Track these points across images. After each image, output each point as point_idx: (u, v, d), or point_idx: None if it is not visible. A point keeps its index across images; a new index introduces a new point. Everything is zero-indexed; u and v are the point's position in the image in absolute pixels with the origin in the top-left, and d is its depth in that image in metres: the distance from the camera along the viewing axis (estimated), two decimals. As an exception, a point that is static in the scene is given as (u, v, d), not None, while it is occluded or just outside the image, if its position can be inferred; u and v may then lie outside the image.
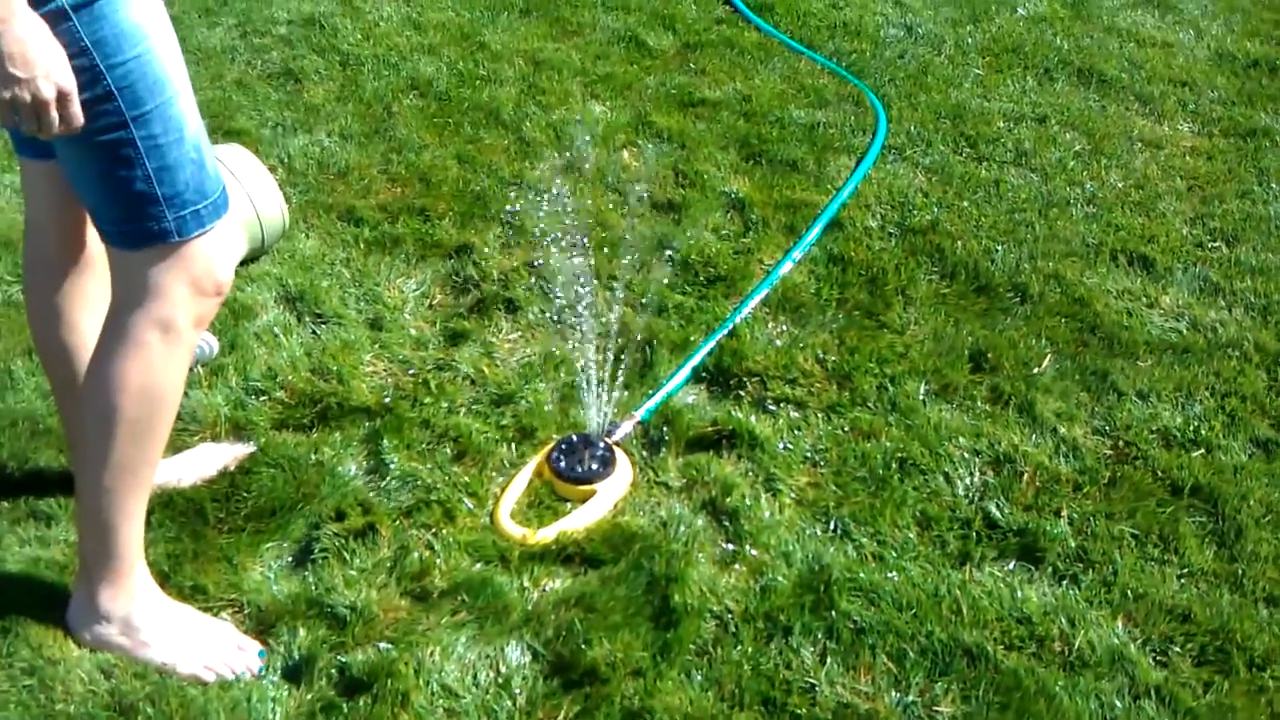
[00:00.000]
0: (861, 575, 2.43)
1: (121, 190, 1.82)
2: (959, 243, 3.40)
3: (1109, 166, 3.79)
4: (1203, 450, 2.75)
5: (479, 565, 2.46)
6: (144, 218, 1.84)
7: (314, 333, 3.08)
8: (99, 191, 1.86)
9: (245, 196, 3.19)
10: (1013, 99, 4.16)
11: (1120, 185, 3.70)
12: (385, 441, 2.74)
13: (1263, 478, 2.68)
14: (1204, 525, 2.58)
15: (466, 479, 2.66)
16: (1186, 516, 2.59)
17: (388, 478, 2.66)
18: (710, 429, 2.81)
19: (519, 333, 3.09)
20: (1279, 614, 2.39)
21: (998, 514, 2.57)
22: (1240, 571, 2.47)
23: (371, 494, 2.62)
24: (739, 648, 2.30)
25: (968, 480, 2.67)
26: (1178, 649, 2.32)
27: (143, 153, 1.79)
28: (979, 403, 2.87)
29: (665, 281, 3.26)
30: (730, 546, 2.52)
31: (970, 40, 4.54)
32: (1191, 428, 2.80)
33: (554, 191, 3.60)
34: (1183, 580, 2.46)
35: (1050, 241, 3.42)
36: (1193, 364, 3.00)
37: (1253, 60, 4.49)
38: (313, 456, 2.70)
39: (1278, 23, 4.78)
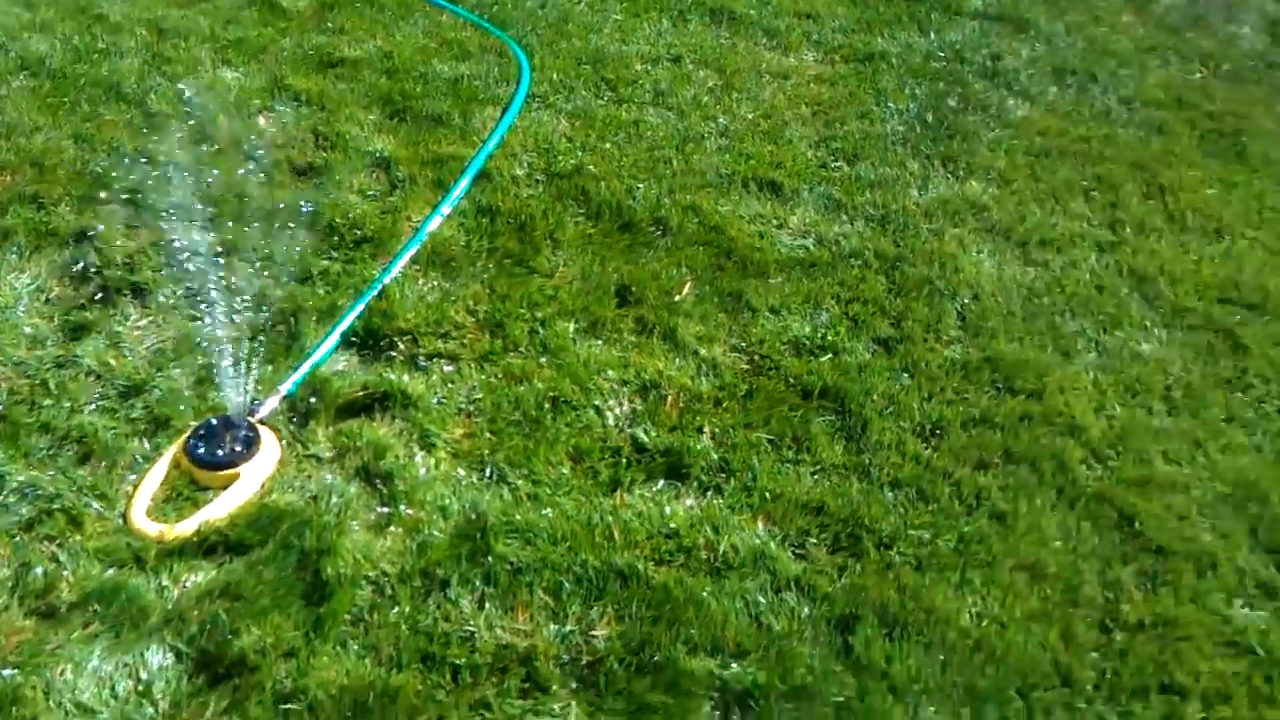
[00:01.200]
0: (517, 516, 2.46)
1: None
2: (603, 183, 3.46)
3: (740, 100, 3.96)
4: (830, 354, 2.94)
5: (111, 571, 2.33)
6: None
7: (-89, 343, 2.81)
8: None
9: None
10: (649, 41, 4.27)
11: (750, 116, 3.87)
12: (0, 453, 2.53)
13: (884, 373, 2.89)
14: (833, 424, 2.75)
15: (93, 481, 2.50)
16: (817, 417, 2.76)
17: (4, 491, 2.46)
18: (361, 394, 2.76)
19: (149, 318, 2.92)
20: (903, 494, 2.59)
21: (645, 438, 2.66)
22: (867, 461, 2.66)
23: (-13, 511, 2.43)
24: (396, 609, 2.28)
25: (617, 410, 2.74)
26: (814, 540, 2.48)
27: None
28: (626, 335, 2.95)
29: (309, 248, 3.16)
30: (385, 510, 2.49)
31: (607, -14, 4.62)
32: (819, 335, 2.99)
33: (183, 164, 3.41)
34: (816, 476, 2.62)
35: (687, 175, 3.54)
36: (819, 276, 3.18)
37: (870, -11, 4.79)
38: (-86, 482, 2.47)
39: (891, -46, 5.11)
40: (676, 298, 3.07)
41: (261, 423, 2.64)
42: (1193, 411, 2.87)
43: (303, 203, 3.29)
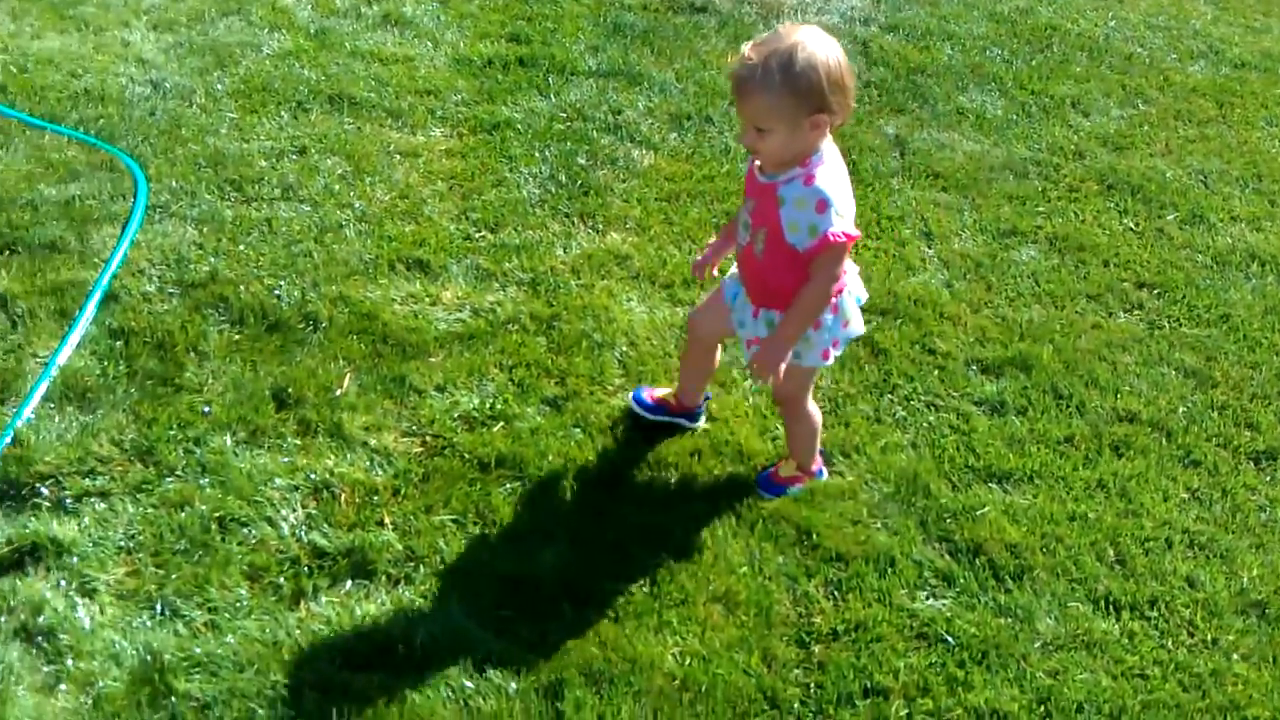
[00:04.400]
0: (197, 649, 2.35)
1: None
2: (242, 287, 3.37)
3: (373, 183, 3.96)
4: (502, 423, 2.99)
5: None
6: None
7: None
8: None
9: None
10: (271, 136, 4.19)
11: (386, 198, 3.89)
12: None
13: (557, 432, 2.97)
14: (515, 491, 2.80)
15: None
16: (498, 488, 2.80)
17: None
18: (7, 549, 2.56)
19: None
20: (592, 549, 2.66)
21: (324, 541, 2.61)
22: (552, 522, 2.72)
23: None
24: (75, 774, 2.12)
25: (291, 519, 2.67)
26: (509, 612, 2.51)
27: None
28: (289, 438, 2.88)
29: (-80, 405, 2.90)
30: (52, 667, 2.31)
31: (220, 86, 4.50)
32: (488, 405, 3.03)
33: None
34: (505, 546, 2.65)
35: (331, 266, 3.51)
36: (480, 347, 3.24)
37: (487, 60, 4.91)
38: None
39: (503, 23, 5.26)
40: (338, 392, 3.03)
41: (-112, 606, 2.39)
42: (846, 419, 3.12)
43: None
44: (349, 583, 2.53)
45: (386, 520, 2.68)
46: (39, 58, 4.68)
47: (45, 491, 2.69)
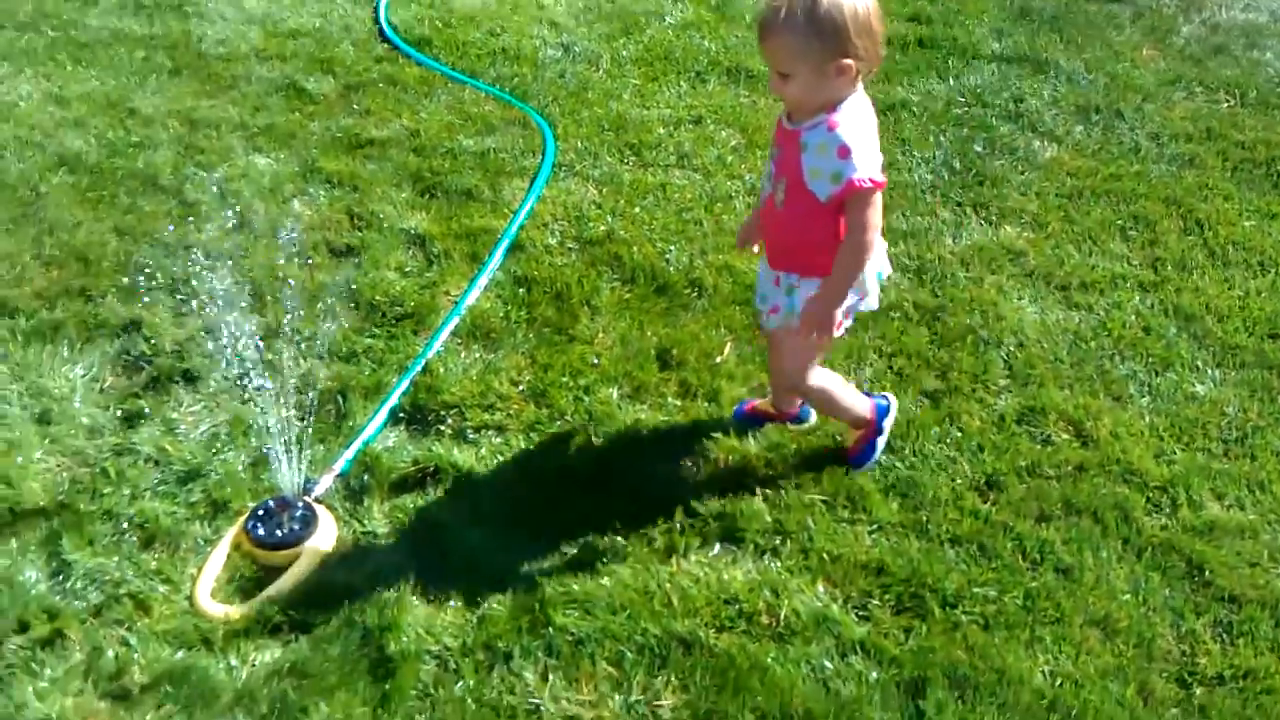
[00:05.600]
0: (575, 586, 2.47)
1: None
2: (635, 248, 3.50)
3: (763, 157, 3.98)
4: (877, 410, 2.94)
5: (181, 653, 2.35)
6: None
7: (-26, 438, 2.86)
8: None
9: None
10: (670, 104, 4.32)
11: (777, 173, 3.91)
12: (65, 541, 2.57)
13: (933, 426, 2.89)
14: (886, 480, 2.75)
15: (158, 565, 2.53)
16: (869, 473, 2.76)
17: (72, 578, 2.50)
18: (413, 468, 2.79)
19: (201, 403, 2.96)
20: (963, 551, 2.58)
21: (697, 503, 2.66)
22: (924, 518, 2.66)
23: (56, 598, 2.46)
24: (461, 683, 2.29)
25: (671, 475, 2.75)
26: (876, 601, 2.47)
27: None
28: (670, 398, 2.97)
29: (352, 327, 3.21)
30: (445, 583, 2.50)
31: (625, 53, 4.69)
32: (864, 390, 2.98)
33: (224, 251, 3.47)
34: (873, 535, 2.62)
35: (719, 235, 3.58)
36: (859, 331, 3.19)
37: (885, 39, 4.82)
38: (-14, 570, 2.51)
39: (904, 2, 5.16)
40: (718, 359, 3.08)
41: (317, 501, 2.67)
42: (1252, 452, 2.86)
43: (343, 283, 3.34)
44: (718, 546, 2.58)
45: (758, 491, 2.70)
46: (462, 15, 5.05)
47: (449, 420, 2.91)
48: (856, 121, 2.32)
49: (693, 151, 4.01)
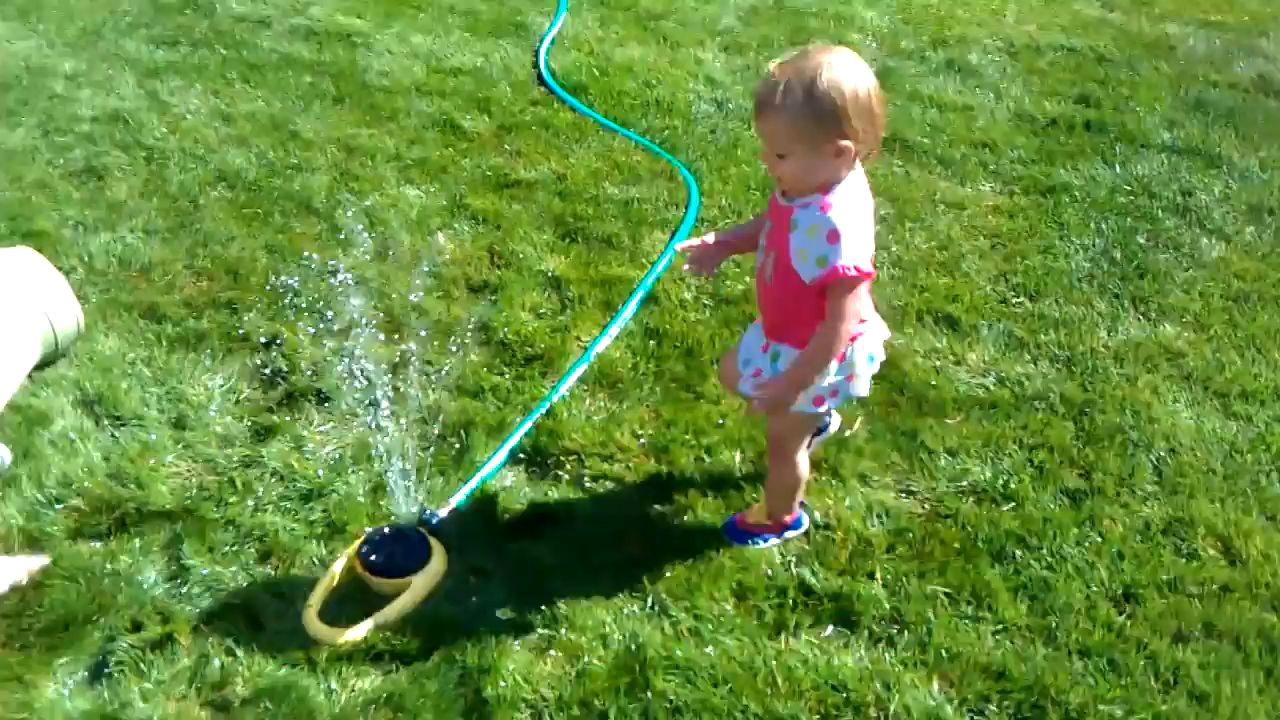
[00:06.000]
0: (678, 652, 2.40)
1: None
2: (772, 310, 3.44)
3: (913, 229, 3.91)
4: (1012, 504, 2.81)
5: (284, 669, 2.37)
6: None
7: (113, 436, 2.94)
8: None
9: (33, 301, 3.04)
10: (822, 168, 4.27)
11: (924, 247, 3.82)
12: (186, 545, 2.63)
13: (1072, 528, 2.74)
14: (1015, 580, 2.61)
15: (272, 579, 2.55)
16: (997, 570, 2.63)
17: (189, 583, 2.55)
18: (527, 510, 2.77)
19: (331, 424, 3.00)
20: (1092, 664, 2.43)
21: (813, 580, 2.57)
22: (1053, 624, 2.51)
23: (171, 601, 2.51)
24: (554, 738, 2.24)
25: (786, 547, 2.67)
26: (994, 707, 2.34)
27: None
28: (795, 468, 2.89)
29: (481, 363, 3.22)
30: (546, 631, 2.46)
31: (781, 113, 4.66)
32: (1001, 482, 2.86)
33: (367, 278, 3.54)
34: (997, 636, 2.48)
35: (860, 305, 3.49)
36: (1000, 419, 3.07)
37: (1051, 119, 4.70)
38: (109, 566, 2.58)
39: (1073, 83, 5.02)
40: (847, 433, 2.99)
41: (431, 533, 2.66)
42: None
43: (477, 319, 3.36)
44: (830, 627, 2.48)
45: (878, 575, 2.60)
46: (619, 64, 5.09)
47: (567, 466, 2.89)
48: (850, 205, 2.26)
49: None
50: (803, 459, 2.62)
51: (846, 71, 2.16)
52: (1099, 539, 2.71)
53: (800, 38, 5.34)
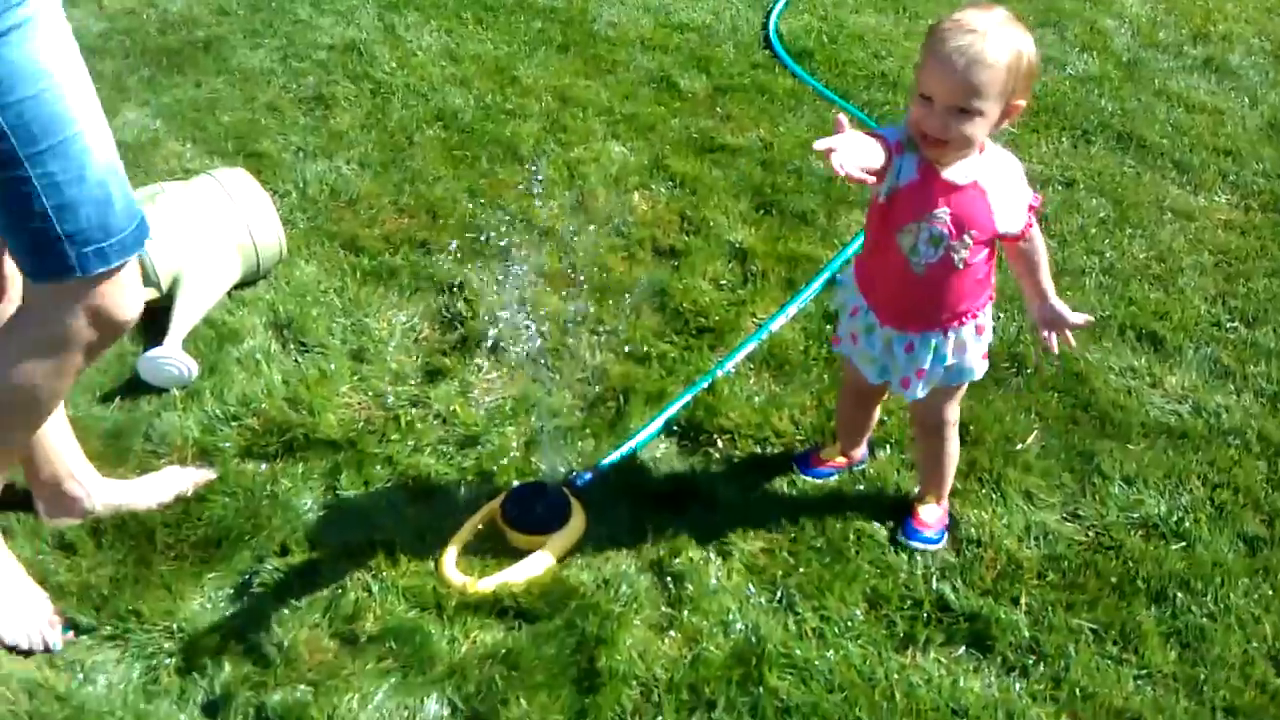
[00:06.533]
0: (798, 651, 2.35)
1: (22, 226, 1.84)
2: (960, 307, 3.28)
3: (1133, 236, 3.65)
4: (1183, 543, 2.61)
5: (414, 611, 2.44)
6: (46, 253, 1.86)
7: (296, 361, 3.10)
8: (3, 225, 1.89)
9: (242, 221, 3.22)
10: (1043, 160, 4.03)
11: (1141, 256, 3.56)
12: (344, 477, 2.74)
13: (1243, 576, 2.53)
14: (1170, 624, 2.44)
15: (417, 521, 2.64)
16: (1152, 612, 2.45)
17: (340, 515, 2.65)
18: (672, 485, 2.76)
19: (498, 373, 3.07)
20: (1239, 727, 2.25)
21: (952, 596, 2.47)
22: (1201, 677, 2.33)
23: (321, 530, 2.62)
24: (659, 718, 2.23)
25: (927, 558, 2.57)
26: (1121, 754, 2.20)
27: (39, 190, 1.81)
28: (956, 479, 2.76)
29: (652, 329, 3.22)
30: (670, 610, 2.45)
31: (1009, 97, 4.42)
32: (1175, 519, 2.67)
33: (557, 230, 3.58)
34: (1139, 682, 2.33)
35: (1057, 312, 3.29)
36: (1188, 450, 2.85)
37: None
38: (269, 488, 2.71)
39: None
40: (1019, 446, 2.84)
41: (574, 494, 2.69)
42: None
43: (657, 284, 3.36)
44: (962, 649, 2.38)
45: (1023, 600, 2.47)
46: (852, 32, 4.95)
47: (720, 444, 2.86)
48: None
49: (1054, 216, 3.72)
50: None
51: (1025, 30, 2.11)
52: (1270, 593, 2.49)
53: (1051, 18, 5.05)
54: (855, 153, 2.01)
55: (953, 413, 2.52)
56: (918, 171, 2.18)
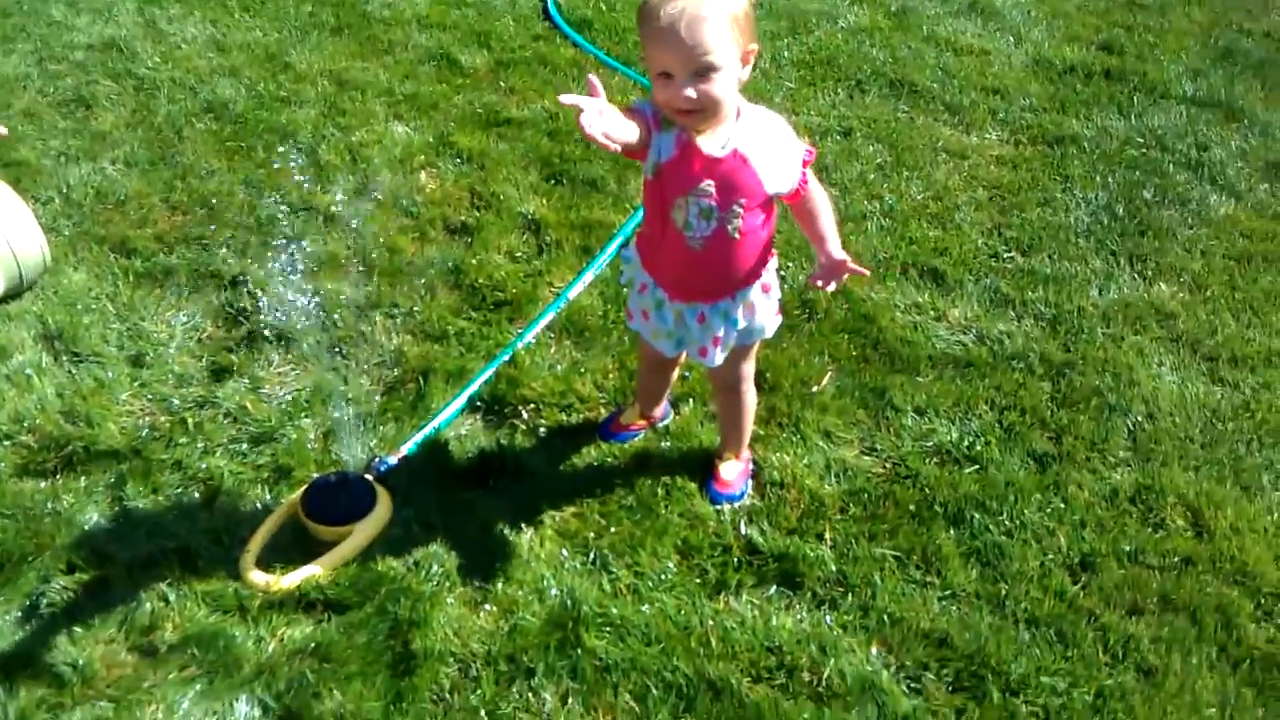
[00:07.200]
0: (613, 610, 2.35)
1: None
2: (752, 260, 3.34)
3: (910, 178, 3.78)
4: (976, 466, 2.72)
5: (215, 616, 2.34)
6: None
7: (70, 373, 2.92)
8: None
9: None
10: (821, 112, 4.13)
11: (919, 197, 3.69)
12: (130, 487, 2.60)
13: (1035, 493, 2.65)
14: (969, 545, 2.54)
15: (212, 524, 2.53)
16: (950, 534, 2.55)
17: (128, 526, 2.51)
18: (479, 460, 2.72)
19: (290, 366, 2.96)
20: (1039, 634, 2.35)
21: (760, 539, 2.51)
22: (1004, 592, 2.44)
23: (109, 544, 2.48)
24: (478, 692, 2.20)
25: (734, 505, 2.60)
26: (932, 675, 2.27)
27: None
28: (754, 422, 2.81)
29: (449, 307, 3.16)
30: (483, 585, 2.42)
31: (786, 54, 4.51)
32: (966, 444, 2.77)
33: (342, 216, 3.48)
34: (943, 602, 2.41)
35: (843, 256, 3.38)
36: (974, 378, 2.97)
37: (1069, 66, 4.53)
38: (50, 505, 2.55)
39: (1099, 29, 4.83)
40: (814, 389, 2.91)
41: (379, 481, 2.62)
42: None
43: (449, 262, 3.30)
44: (773, 588, 2.42)
45: (827, 536, 2.53)
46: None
47: (524, 415, 2.83)
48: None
49: (834, 165, 3.82)
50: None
51: None
52: (1062, 505, 2.62)
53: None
54: (603, 119, 1.95)
55: (748, 368, 2.54)
56: (676, 147, 2.15)
